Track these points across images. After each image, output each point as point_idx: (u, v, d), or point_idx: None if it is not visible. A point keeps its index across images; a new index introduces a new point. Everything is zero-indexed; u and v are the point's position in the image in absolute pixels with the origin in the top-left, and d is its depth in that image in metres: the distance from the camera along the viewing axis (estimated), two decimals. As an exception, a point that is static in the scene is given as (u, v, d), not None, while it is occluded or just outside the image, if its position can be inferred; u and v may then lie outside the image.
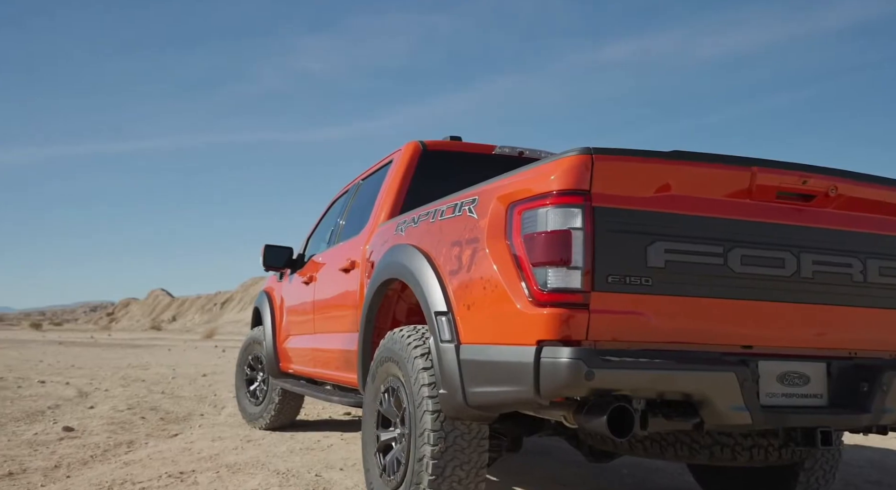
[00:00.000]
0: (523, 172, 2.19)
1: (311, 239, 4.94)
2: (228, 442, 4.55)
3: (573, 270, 1.95)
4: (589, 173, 1.99)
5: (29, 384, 8.40)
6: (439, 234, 2.53)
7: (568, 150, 2.05)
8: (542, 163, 2.12)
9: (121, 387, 8.28)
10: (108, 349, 20.20)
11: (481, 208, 2.29)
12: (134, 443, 4.51)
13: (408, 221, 2.88)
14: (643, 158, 2.07)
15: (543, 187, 2.03)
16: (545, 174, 2.05)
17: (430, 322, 2.39)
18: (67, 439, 4.55)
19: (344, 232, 4.02)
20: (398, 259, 2.73)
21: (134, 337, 36.74)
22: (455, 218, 2.44)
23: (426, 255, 2.56)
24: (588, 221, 1.97)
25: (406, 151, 3.51)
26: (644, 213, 2.03)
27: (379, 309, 3.00)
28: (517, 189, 2.15)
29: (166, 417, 5.63)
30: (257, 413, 5.14)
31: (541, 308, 1.97)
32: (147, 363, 13.44)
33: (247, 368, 5.43)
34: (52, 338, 31.66)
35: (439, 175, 3.58)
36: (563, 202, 1.98)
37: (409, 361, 2.50)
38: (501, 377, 2.07)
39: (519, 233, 2.09)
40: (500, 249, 2.14)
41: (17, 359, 14.66)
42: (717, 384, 1.97)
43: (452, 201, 2.52)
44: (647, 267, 2.01)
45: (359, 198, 4.04)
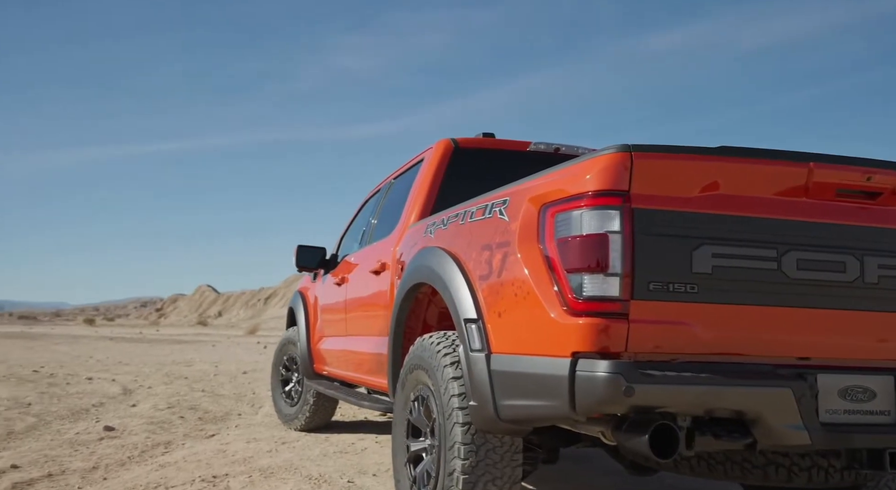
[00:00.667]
0: (557, 172, 2.05)
1: (344, 239, 4.89)
2: (263, 444, 4.54)
3: (611, 277, 1.81)
4: (628, 172, 1.85)
5: (77, 381, 8.62)
6: (469, 237, 2.42)
7: (605, 148, 1.91)
8: (577, 162, 1.98)
9: (163, 384, 8.42)
10: (154, 345, 20.73)
11: (512, 210, 2.17)
12: (171, 443, 4.53)
13: (437, 223, 2.77)
14: (687, 155, 1.92)
15: (578, 188, 1.90)
16: (580, 174, 1.91)
17: (460, 329, 2.28)
18: (107, 439, 4.60)
19: (375, 232, 3.94)
20: (427, 263, 2.62)
21: (180, 333, 37.71)
22: (485, 220, 2.32)
23: (456, 258, 2.45)
24: (627, 224, 1.82)
25: (437, 150, 3.40)
26: (688, 215, 1.87)
27: (409, 313, 2.90)
28: (550, 190, 2.02)
29: (204, 417, 5.67)
30: (292, 414, 5.12)
31: (576, 317, 1.84)
32: (191, 360, 13.71)
33: (282, 369, 5.41)
34: (103, 333, 32.72)
35: (472, 174, 3.46)
36: (599, 204, 1.84)
37: (439, 370, 2.39)
38: (534, 390, 1.95)
39: (552, 236, 1.95)
40: (532, 254, 2.01)
41: (69, 355, 15.15)
42: (771, 400, 1.81)
43: (482, 202, 2.40)
44: (693, 273, 1.85)
45: (390, 197, 3.96)
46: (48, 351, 16.87)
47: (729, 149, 1.94)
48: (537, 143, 3.62)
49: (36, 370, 10.25)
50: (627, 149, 1.86)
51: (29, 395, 6.87)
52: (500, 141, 3.57)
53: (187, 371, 10.63)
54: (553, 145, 3.67)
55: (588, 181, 1.87)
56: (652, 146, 1.90)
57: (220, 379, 9.32)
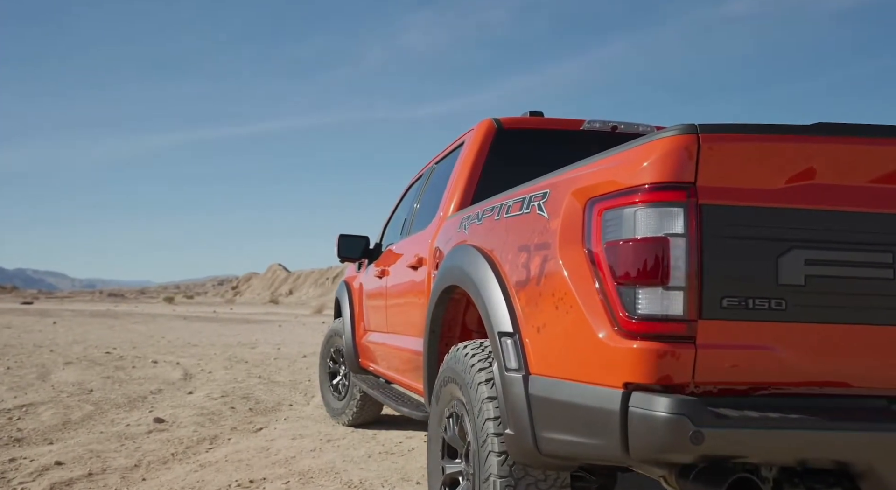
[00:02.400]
0: (605, 159, 1.69)
1: (388, 227, 4.63)
2: (308, 441, 4.38)
3: (673, 291, 1.45)
4: (694, 159, 1.47)
5: (143, 364, 8.83)
6: (505, 235, 2.08)
7: (665, 129, 1.53)
8: (630, 146, 1.61)
9: (224, 369, 8.51)
10: (224, 325, 21.36)
11: (553, 205, 1.82)
12: (217, 438, 4.45)
13: (472, 217, 2.44)
14: (770, 136, 1.51)
15: (631, 179, 1.53)
16: (634, 161, 1.55)
17: (494, 344, 1.97)
18: (155, 432, 4.56)
19: (415, 222, 3.65)
20: (459, 263, 2.31)
21: (251, 312, 38.95)
22: (522, 216, 1.98)
23: (490, 259, 2.12)
24: (693, 225, 1.45)
25: (478, 132, 3.06)
26: (774, 211, 1.48)
27: (444, 317, 2.60)
28: (598, 181, 1.66)
29: (255, 408, 5.60)
30: (340, 408, 4.95)
31: (629, 340, 1.49)
32: (255, 341, 13.97)
33: (329, 361, 5.25)
34: (180, 312, 34.15)
35: (518, 158, 3.11)
36: (658, 199, 1.48)
37: (472, 387, 2.09)
38: (580, 424, 1.62)
39: (600, 239, 1.60)
40: (576, 259, 1.67)
41: (143, 335, 15.75)
42: (887, 448, 1.42)
43: (520, 195, 2.06)
44: (780, 285, 1.47)
45: (431, 184, 3.65)
46: (125, 330, 17.62)
47: (827, 126, 1.52)
48: (591, 122, 3.22)
49: (108, 352, 10.63)
50: (693, 129, 1.48)
51: (93, 381, 7.03)
52: (550, 120, 3.19)
53: (249, 354, 10.78)
54: (610, 123, 3.26)
55: (644, 171, 1.51)
56: (724, 126, 1.51)
57: (279, 363, 9.36)
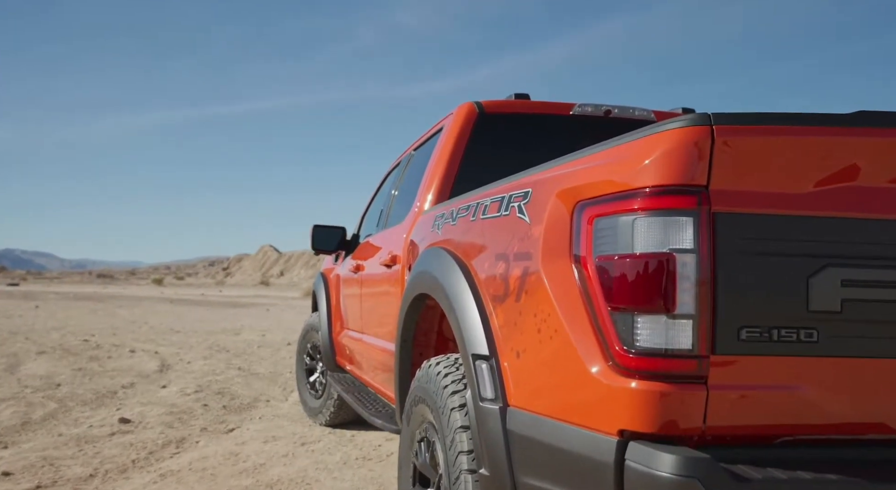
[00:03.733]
0: (598, 153, 1.41)
1: (365, 217, 4.33)
2: (281, 445, 4.13)
3: (679, 320, 1.18)
4: (706, 157, 1.19)
5: (119, 354, 8.55)
6: (481, 240, 1.80)
7: (671, 120, 1.25)
8: (628, 139, 1.33)
9: (203, 359, 8.24)
10: (211, 309, 21.07)
11: (535, 207, 1.53)
12: (185, 441, 4.18)
13: (446, 215, 2.16)
14: (800, 128, 1.23)
15: (629, 180, 1.25)
16: (633, 158, 1.27)
17: (468, 368, 1.69)
18: (119, 435, 4.29)
19: (391, 215, 3.36)
20: (430, 268, 2.03)
21: (240, 294, 38.65)
22: (501, 218, 1.70)
23: (465, 267, 1.84)
24: (705, 238, 1.18)
25: (457, 117, 2.76)
26: (804, 221, 1.21)
27: (417, 323, 2.33)
28: (588, 181, 1.37)
29: (230, 405, 5.34)
30: (317, 408, 4.70)
31: (626, 378, 1.22)
32: (241, 327, 13.69)
33: (306, 357, 4.99)
34: (167, 294, 33.81)
35: (502, 146, 2.82)
36: (661, 206, 1.20)
37: (445, 413, 1.82)
38: (566, 473, 1.35)
39: (590, 251, 1.32)
40: (561, 274, 1.39)
41: (126, 320, 15.45)
42: None
43: (498, 193, 1.77)
44: (811, 311, 1.20)
45: (408, 174, 3.35)
46: (109, 315, 17.30)
47: (872, 115, 1.24)
48: (583, 106, 2.93)
49: (86, 339, 10.33)
50: (706, 120, 1.20)
51: (63, 373, 6.75)
52: (537, 104, 2.90)
53: (233, 341, 10.51)
54: (602, 107, 2.96)
55: (644, 171, 1.23)
56: (744, 116, 1.23)
57: (261, 352, 9.10)
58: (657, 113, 3.03)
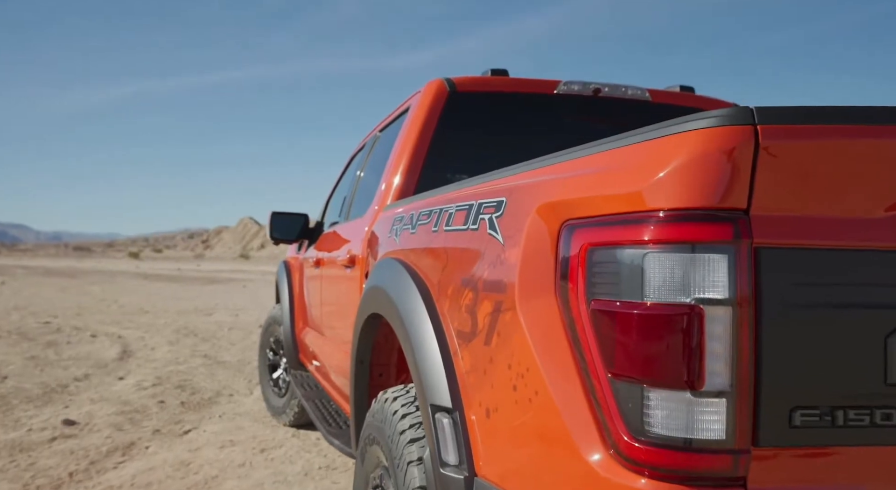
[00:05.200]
0: (593, 155, 1.06)
1: (329, 203, 3.96)
2: (238, 451, 3.80)
3: (708, 399, 0.85)
4: (747, 170, 0.85)
5: (79, 339, 8.15)
6: (444, 257, 1.45)
7: (696, 116, 0.90)
8: (636, 138, 0.98)
9: (168, 344, 7.87)
10: (186, 286, 20.58)
11: (510, 223, 1.18)
12: (133, 448, 3.84)
13: (405, 220, 1.80)
14: (877, 129, 0.89)
15: (638, 198, 0.91)
16: (643, 167, 0.92)
17: (426, 420, 1.36)
18: (60, 440, 3.94)
19: (353, 206, 3.00)
20: (384, 285, 1.68)
21: (218, 269, 38.06)
22: (468, 233, 1.34)
23: (424, 289, 1.49)
24: (744, 283, 0.85)
25: (425, 96, 2.38)
26: (879, 259, 0.87)
27: (376, 341, 1.99)
28: (579, 194, 1.02)
29: (188, 401, 4.99)
30: (280, 407, 4.37)
31: (633, 475, 0.89)
32: (214, 306, 13.29)
33: (269, 352, 4.64)
34: (143, 269, 33.15)
35: (477, 129, 2.46)
36: (683, 238, 0.86)
37: (401, 466, 1.49)
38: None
39: (583, 291, 0.98)
40: (544, 318, 1.05)
41: (96, 298, 14.97)
42: None
43: (464, 199, 1.42)
44: (889, 384, 0.87)
45: (372, 158, 2.98)
46: (79, 292, 16.78)
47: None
48: (569, 83, 2.56)
49: (48, 321, 9.88)
50: (746, 117, 0.85)
51: (13, 363, 6.34)
52: (516, 81, 2.52)
53: (203, 323, 10.13)
54: (591, 85, 2.60)
55: (660, 186, 0.88)
56: (797, 110, 0.88)
57: (232, 336, 8.74)
58: (652, 92, 2.68)
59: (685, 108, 2.68)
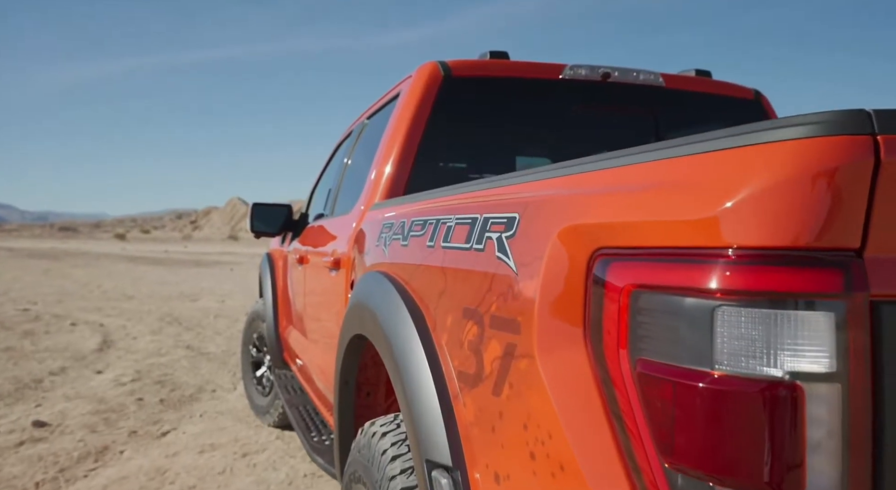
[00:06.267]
0: (637, 166, 0.83)
1: (314, 194, 3.72)
2: (218, 456, 3.59)
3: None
4: (863, 197, 0.62)
5: (59, 328, 7.89)
6: (442, 279, 1.22)
7: (785, 120, 0.67)
8: (697, 145, 0.75)
9: (151, 333, 7.63)
10: (172, 269, 20.26)
11: (524, 247, 0.96)
12: (106, 452, 3.62)
13: (394, 227, 1.56)
14: None
15: (709, 230, 0.68)
16: (718, 185, 0.69)
17: (421, 478, 1.14)
18: (29, 444, 3.71)
19: (339, 200, 2.76)
20: (371, 304, 1.45)
21: (206, 251, 37.67)
22: (471, 254, 1.12)
23: (417, 313, 1.27)
24: (859, 351, 0.63)
25: (417, 81, 2.14)
26: None
27: (361, 366, 1.77)
28: (622, 218, 0.80)
29: (168, 398, 4.77)
30: (265, 406, 4.16)
31: None
32: (200, 291, 13.02)
33: (252, 349, 4.42)
34: (129, 251, 32.69)
35: (475, 118, 2.22)
36: (773, 288, 0.64)
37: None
38: None
39: (625, 348, 0.76)
40: (571, 375, 0.83)
41: (78, 282, 14.65)
42: None
43: (467, 210, 1.19)
44: None
45: (359, 149, 2.74)
46: (61, 276, 16.44)
47: None
48: (575, 68, 2.32)
49: (26, 308, 9.60)
50: (863, 124, 0.63)
51: (-13, 356, 6.09)
52: (517, 64, 2.28)
53: (188, 310, 9.87)
54: (599, 70, 2.37)
55: (740, 214, 0.65)
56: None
57: (217, 324, 8.51)
58: (666, 76, 2.45)
59: (702, 93, 2.45)
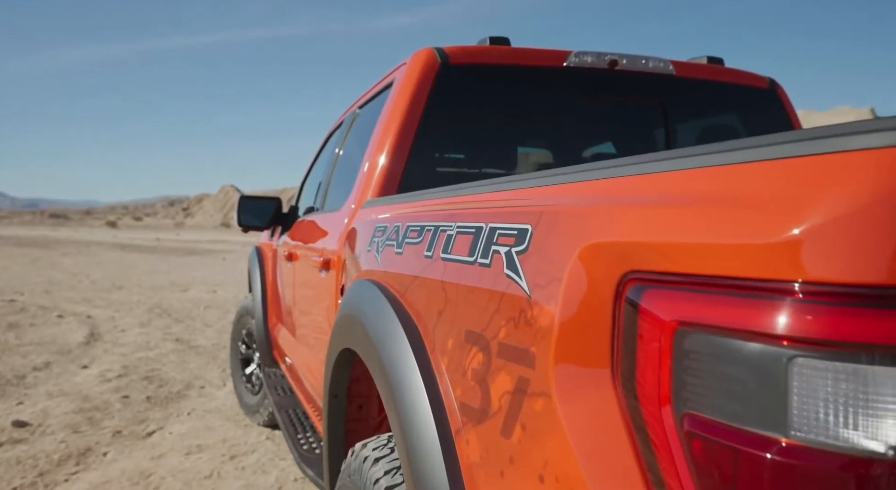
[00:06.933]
0: (684, 171, 0.69)
1: (305, 186, 3.57)
2: (205, 459, 3.47)
3: None
4: None
5: (45, 320, 7.72)
6: (442, 295, 1.08)
7: (881, 121, 0.53)
8: (776, 148, 0.61)
9: (139, 326, 7.48)
10: (163, 257, 20.06)
11: (538, 265, 0.82)
12: (88, 454, 3.49)
13: (388, 231, 1.42)
14: None
15: (780, 259, 0.54)
16: (790, 201, 0.55)
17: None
18: (7, 446, 3.57)
19: (329, 194, 2.61)
20: (362, 317, 1.31)
21: (198, 238, 37.40)
22: (475, 269, 0.98)
23: (413, 331, 1.13)
24: None
25: (412, 69, 1.99)
26: None
27: (351, 378, 1.63)
28: (662, 238, 0.66)
29: (155, 395, 4.63)
30: (254, 405, 4.03)
31: None
32: (191, 281, 12.85)
33: (241, 345, 4.29)
34: (120, 239, 32.40)
35: (474, 109, 2.07)
36: (870, 340, 0.50)
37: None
38: None
39: (669, 400, 0.62)
40: (599, 420, 0.70)
41: (67, 272, 14.45)
42: None
43: (469, 218, 1.05)
44: None
45: (350, 140, 2.59)
46: (50, 265, 16.22)
47: None
48: (580, 55, 2.18)
49: (13, 299, 9.42)
50: None
51: (-30, 351, 5.93)
52: (519, 51, 2.12)
53: (178, 301, 9.72)
54: (606, 57, 2.22)
55: (821, 241, 0.52)
56: None
57: (208, 315, 8.36)
58: (676, 64, 2.31)
59: (715, 82, 2.31)
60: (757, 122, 2.34)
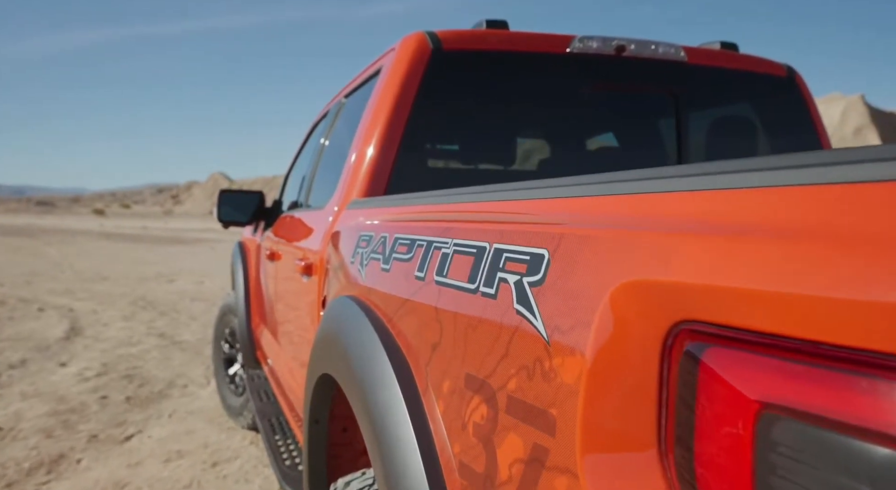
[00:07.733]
0: (761, 189, 0.52)
1: (289, 180, 3.38)
2: (185, 466, 3.30)
3: None
4: None
5: (24, 313, 7.50)
6: (436, 325, 0.91)
7: None
8: (873, 167, 0.44)
9: (122, 319, 7.27)
10: (150, 247, 19.78)
11: (559, 303, 0.65)
12: (61, 462, 3.31)
13: (373, 242, 1.24)
14: None
15: None
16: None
17: None
18: (-23, 453, 3.39)
19: (313, 190, 2.43)
20: (344, 341, 1.14)
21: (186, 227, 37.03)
22: (478, 300, 0.80)
23: (403, 367, 0.96)
24: None
25: (401, 54, 1.80)
26: None
27: (334, 399, 1.46)
28: (728, 283, 0.49)
29: (136, 395, 4.45)
30: (238, 407, 3.86)
31: None
32: (178, 272, 12.62)
33: (224, 345, 4.11)
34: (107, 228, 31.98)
35: (469, 99, 1.89)
36: None
37: None
38: None
39: None
40: None
41: (51, 262, 14.19)
42: None
43: (469, 235, 0.87)
44: None
45: (335, 132, 2.40)
46: (33, 255, 15.92)
47: None
48: (585, 40, 2.00)
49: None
50: None
51: (-57, 348, 5.72)
52: (517, 36, 1.94)
53: (164, 293, 9.51)
54: (613, 42, 2.04)
55: None
56: None
57: (194, 308, 8.16)
58: (688, 50, 2.13)
59: (729, 70, 2.14)
60: (774, 114, 2.17)
